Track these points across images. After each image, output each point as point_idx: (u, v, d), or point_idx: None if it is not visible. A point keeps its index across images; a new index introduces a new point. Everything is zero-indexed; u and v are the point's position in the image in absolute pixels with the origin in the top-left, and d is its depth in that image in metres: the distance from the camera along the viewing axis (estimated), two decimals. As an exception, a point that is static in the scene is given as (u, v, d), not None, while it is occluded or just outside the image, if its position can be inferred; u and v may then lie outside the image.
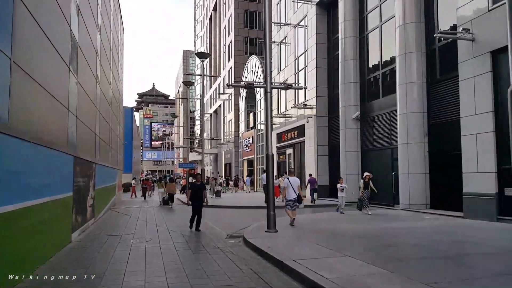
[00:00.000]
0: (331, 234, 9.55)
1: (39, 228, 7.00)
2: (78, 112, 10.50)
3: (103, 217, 15.73)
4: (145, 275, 6.13)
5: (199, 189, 11.33)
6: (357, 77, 19.50)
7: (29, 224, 6.34)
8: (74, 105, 9.99)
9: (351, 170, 19.35)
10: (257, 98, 36.32)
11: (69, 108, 9.37)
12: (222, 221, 14.19)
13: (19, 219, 5.86)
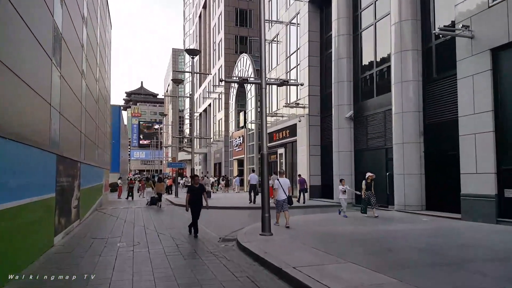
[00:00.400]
0: (328, 237, 9.16)
1: (17, 232, 6.45)
2: (62, 108, 9.91)
3: (89, 218, 15.11)
4: (132, 285, 5.64)
5: (198, 192, 10.33)
6: (350, 76, 19.19)
7: (4, 229, 5.79)
8: (57, 100, 9.40)
9: (344, 170, 19.03)
10: (248, 97, 35.85)
11: (52, 103, 8.79)
12: (213, 222, 13.70)
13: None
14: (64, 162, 10.32)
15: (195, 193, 10.31)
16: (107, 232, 11.19)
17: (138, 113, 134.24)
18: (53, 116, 8.93)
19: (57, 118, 9.50)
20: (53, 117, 8.94)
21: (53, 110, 8.93)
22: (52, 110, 8.87)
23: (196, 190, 10.35)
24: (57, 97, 9.49)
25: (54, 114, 9.12)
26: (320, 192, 22.22)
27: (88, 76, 15.36)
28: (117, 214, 16.42)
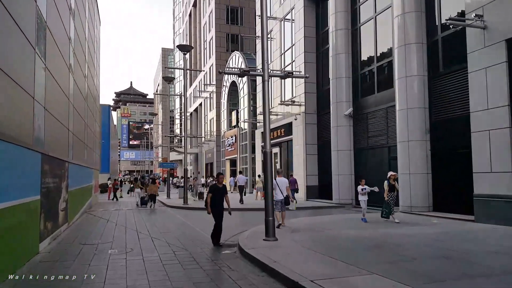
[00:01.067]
0: (338, 242, 8.47)
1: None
2: (47, 103, 9.10)
3: (78, 221, 14.25)
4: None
5: (222, 194, 9.03)
6: (349, 72, 18.62)
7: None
8: (41, 94, 8.60)
9: (344, 170, 18.45)
10: (240, 95, 35.15)
11: (35, 97, 7.99)
12: (210, 225, 12.92)
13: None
14: (50, 162, 9.51)
15: (219, 194, 9.01)
16: (97, 237, 10.39)
17: (127, 113, 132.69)
18: (37, 111, 8.12)
19: (42, 114, 8.70)
20: (37, 112, 8.14)
21: (37, 105, 8.13)
22: (36, 104, 8.07)
23: (220, 191, 9.03)
24: (42, 91, 8.68)
25: (38, 109, 8.31)
26: (317, 192, 21.62)
27: (76, 71, 14.51)
28: (108, 217, 15.58)
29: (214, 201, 8.88)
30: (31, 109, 7.73)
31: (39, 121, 8.43)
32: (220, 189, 9.04)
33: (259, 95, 29.53)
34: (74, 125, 14.04)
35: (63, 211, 11.60)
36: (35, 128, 8.01)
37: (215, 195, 8.93)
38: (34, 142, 7.95)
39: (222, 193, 9.02)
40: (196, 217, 15.72)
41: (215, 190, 9.01)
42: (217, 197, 8.95)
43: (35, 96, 7.92)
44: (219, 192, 8.99)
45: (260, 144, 28.76)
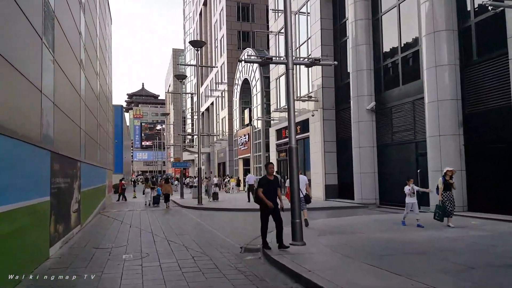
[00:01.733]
0: (375, 247, 7.64)
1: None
2: (56, 98, 8.52)
3: (92, 223, 13.72)
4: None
5: (274, 187, 7.67)
6: (370, 64, 17.75)
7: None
8: (50, 88, 8.01)
9: (366, 168, 17.58)
10: (253, 93, 34.42)
11: (43, 90, 7.39)
12: (227, 227, 12.32)
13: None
14: (61, 161, 8.93)
15: (272, 187, 7.63)
16: (111, 240, 9.79)
17: (140, 115, 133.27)
18: (45, 106, 7.53)
19: (51, 110, 8.11)
20: (45, 107, 7.54)
21: (45, 99, 7.53)
22: (44, 99, 7.48)
23: (272, 183, 7.65)
24: (50, 85, 8.09)
25: (47, 104, 7.72)
26: (337, 191, 20.77)
27: (87, 68, 13.98)
28: (122, 218, 15.04)
29: (266, 196, 7.51)
30: (39, 103, 7.13)
31: (48, 117, 7.84)
32: (271, 181, 7.64)
33: (272, 91, 28.79)
34: (86, 124, 13.51)
35: (76, 212, 11.06)
36: (43, 124, 7.42)
37: (267, 189, 7.53)
38: (43, 139, 7.36)
39: (274, 186, 7.68)
40: (211, 217, 15.09)
41: (267, 183, 7.61)
42: (269, 192, 7.52)
43: (42, 89, 7.32)
44: (270, 187, 7.60)
45: (274, 142, 28.03)
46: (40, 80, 7.20)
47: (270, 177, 7.69)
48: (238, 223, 13.50)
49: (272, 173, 7.74)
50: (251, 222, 13.52)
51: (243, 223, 13.62)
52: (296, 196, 8.07)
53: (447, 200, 9.80)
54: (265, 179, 7.70)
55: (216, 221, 13.78)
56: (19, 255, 5.99)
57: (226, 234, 10.53)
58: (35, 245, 6.91)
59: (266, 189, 7.53)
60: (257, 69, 32.68)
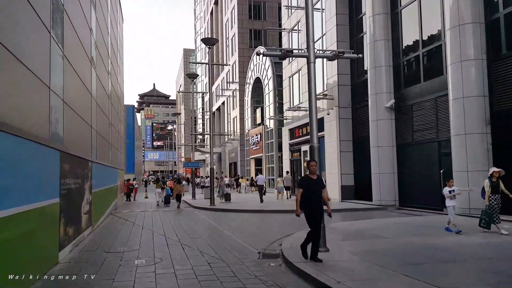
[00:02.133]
0: (406, 254, 7.06)
1: (5, 252, 4.69)
2: (66, 96, 8.16)
3: (103, 224, 13.40)
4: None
5: (318, 189, 6.55)
6: (389, 60, 17.11)
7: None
8: (59, 85, 7.64)
9: (385, 168, 16.94)
10: (265, 92, 33.91)
11: (52, 86, 7.02)
12: (243, 230, 11.84)
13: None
14: (71, 161, 8.57)
15: (314, 189, 6.51)
16: (122, 243, 9.41)
17: (151, 115, 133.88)
18: (53, 102, 7.16)
19: (60, 107, 7.75)
20: (54, 105, 7.17)
21: (53, 96, 7.16)
22: (53, 95, 7.11)
23: (316, 184, 6.56)
24: (59, 81, 7.72)
25: (55, 101, 7.35)
26: (353, 193, 20.17)
27: (98, 66, 13.66)
28: (134, 219, 14.69)
29: (307, 198, 6.42)
30: (47, 100, 6.76)
31: (57, 115, 7.47)
32: (314, 181, 6.54)
33: (285, 90, 28.26)
34: (97, 123, 13.19)
35: (87, 214, 10.71)
36: (52, 121, 7.05)
37: (309, 191, 6.46)
38: (51, 138, 6.99)
39: (318, 187, 6.55)
40: (224, 219, 14.67)
41: (309, 183, 6.51)
42: (312, 194, 6.46)
43: (51, 86, 6.95)
44: (312, 188, 6.49)
45: (287, 142, 27.51)
46: (49, 76, 6.83)
47: (313, 176, 6.61)
48: (253, 225, 13.03)
49: (314, 172, 6.65)
50: (267, 224, 13.13)
51: (258, 225, 13.16)
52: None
53: (496, 203, 8.90)
54: (306, 178, 6.66)
55: (230, 223, 13.34)
56: (25, 261, 5.62)
57: (242, 237, 10.07)
58: (43, 250, 6.54)
59: (307, 191, 6.46)
60: (270, 68, 32.18)
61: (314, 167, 6.67)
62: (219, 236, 10.40)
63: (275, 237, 9.83)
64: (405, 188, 16.46)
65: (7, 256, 4.88)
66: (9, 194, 4.93)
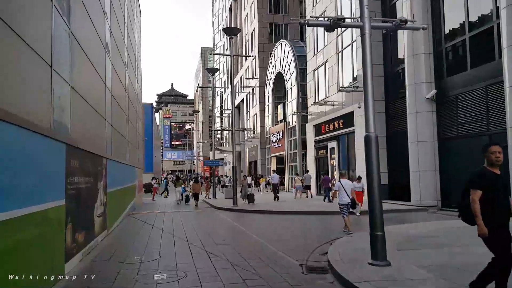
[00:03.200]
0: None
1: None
2: (73, 80, 7.02)
3: (120, 227, 12.33)
4: None
5: (506, 192, 4.10)
6: (429, 47, 15.51)
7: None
8: (64, 65, 6.50)
9: (426, 165, 15.37)
10: (287, 87, 32.47)
11: (54, 66, 5.87)
12: (272, 235, 10.53)
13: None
14: (81, 157, 7.45)
15: (500, 189, 4.06)
16: (139, 251, 8.24)
17: (169, 114, 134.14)
18: (57, 86, 6.01)
19: (66, 93, 6.61)
20: (57, 88, 6.02)
21: (57, 78, 6.02)
22: (56, 77, 5.96)
23: (501, 183, 4.11)
24: (65, 61, 6.58)
25: (60, 85, 6.20)
26: (387, 192, 18.53)
27: (114, 54, 12.59)
28: (153, 221, 13.60)
29: (494, 204, 3.99)
30: (48, 80, 5.60)
31: (62, 102, 6.33)
32: (499, 179, 4.08)
33: (310, 84, 26.78)
34: (113, 117, 12.11)
35: (101, 217, 9.62)
36: (55, 109, 5.90)
37: (495, 192, 4.02)
38: (55, 128, 5.85)
39: (506, 189, 4.15)
40: (249, 221, 13.47)
41: (492, 180, 4.04)
42: (499, 198, 4.02)
43: (53, 64, 5.79)
44: (501, 186, 4.08)
45: (312, 139, 26.06)
46: (50, 52, 5.68)
47: (496, 170, 4.10)
48: (283, 229, 11.70)
49: (499, 162, 4.09)
50: (298, 228, 11.78)
51: (288, 228, 11.84)
52: (377, 201, 6.19)
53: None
54: (486, 173, 4.09)
55: (257, 226, 12.08)
56: (21, 278, 4.46)
57: (273, 242, 8.78)
58: (44, 263, 5.39)
59: (491, 193, 4.00)
60: (292, 61, 30.75)
61: (499, 156, 4.08)
62: (248, 242, 9.15)
63: (313, 244, 8.52)
64: (449, 187, 14.83)
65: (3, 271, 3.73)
66: (7, 195, 3.77)
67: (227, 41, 63.68)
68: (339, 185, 10.02)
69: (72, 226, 6.75)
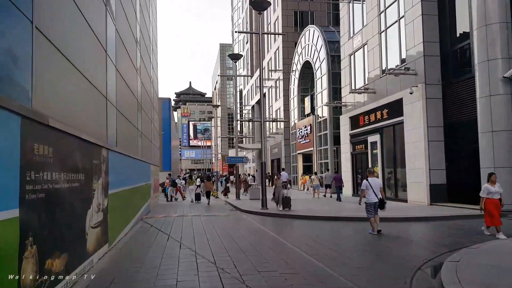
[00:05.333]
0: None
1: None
2: (37, 14, 4.46)
3: (127, 237, 9.82)
4: None
5: None
6: (505, 14, 12.52)
7: None
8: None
9: (501, 161, 12.41)
10: (316, 77, 29.52)
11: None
12: (334, 253, 7.76)
13: None
14: (57, 141, 4.90)
15: None
16: (149, 279, 5.65)
17: (187, 113, 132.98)
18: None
19: (20, 30, 4.04)
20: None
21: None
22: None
23: None
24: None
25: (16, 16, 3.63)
26: (445, 194, 15.60)
27: (119, 19, 10.08)
28: (169, 229, 11.08)
29: None
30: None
31: (12, 45, 3.77)
32: None
33: (345, 71, 23.83)
34: (119, 99, 9.62)
35: (98, 227, 7.10)
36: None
37: None
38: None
39: None
40: (290, 230, 10.86)
41: None
42: None
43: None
44: None
45: (348, 132, 23.15)
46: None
47: None
48: (342, 243, 8.91)
49: None
50: (363, 243, 8.56)
51: (349, 242, 9.08)
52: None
53: None
54: None
55: (301, 237, 9.37)
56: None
57: (341, 269, 6.05)
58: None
59: None
60: (322, 48, 27.83)
61: None
62: (302, 266, 6.43)
63: (397, 270, 5.77)
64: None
65: None
66: None
67: (247, 36, 61.08)
68: (367, 184, 9.44)
69: (39, 249, 4.20)
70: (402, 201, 17.26)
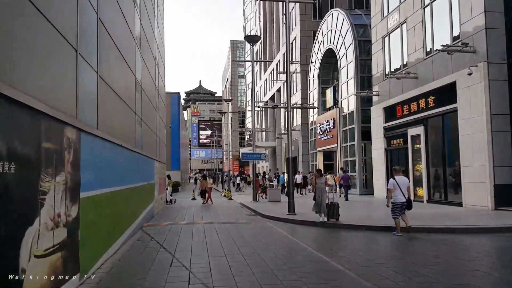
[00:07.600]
0: None
1: None
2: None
3: (115, 258, 7.06)
4: None
5: None
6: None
7: None
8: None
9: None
10: (341, 65, 26.46)
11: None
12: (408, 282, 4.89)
13: None
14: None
15: None
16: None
17: (197, 112, 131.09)
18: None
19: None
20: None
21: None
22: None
23: None
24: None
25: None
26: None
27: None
28: (174, 243, 8.34)
29: None
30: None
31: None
32: None
33: (377, 55, 20.81)
34: (104, 62, 6.89)
35: (54, 253, 4.39)
36: None
37: None
38: None
39: None
40: (334, 243, 7.98)
41: None
42: None
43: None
44: None
45: (381, 125, 20.19)
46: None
47: None
48: (427, 272, 6.04)
49: None
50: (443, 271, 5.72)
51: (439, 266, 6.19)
52: None
53: None
54: None
55: (357, 259, 6.52)
56: None
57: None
58: None
59: None
60: (348, 32, 24.84)
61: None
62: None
63: None
64: None
65: None
66: None
67: (259, 29, 58.27)
68: (394, 183, 9.00)
69: None
70: (455, 204, 14.32)
